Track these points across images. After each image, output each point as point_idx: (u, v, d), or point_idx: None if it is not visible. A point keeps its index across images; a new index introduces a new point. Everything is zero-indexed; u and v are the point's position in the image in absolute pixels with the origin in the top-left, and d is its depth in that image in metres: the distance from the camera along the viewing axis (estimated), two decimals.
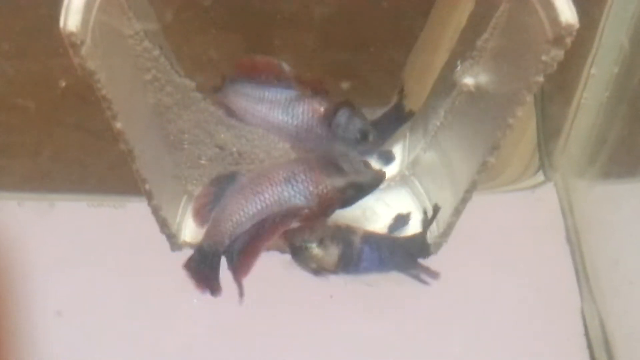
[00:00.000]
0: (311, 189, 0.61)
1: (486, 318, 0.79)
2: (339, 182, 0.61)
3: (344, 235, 0.65)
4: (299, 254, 0.64)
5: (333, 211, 0.63)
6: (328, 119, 0.64)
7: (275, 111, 0.64)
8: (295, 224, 0.61)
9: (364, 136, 0.64)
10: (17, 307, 0.76)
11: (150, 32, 0.60)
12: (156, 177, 0.63)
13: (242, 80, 0.65)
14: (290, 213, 0.60)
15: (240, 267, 0.60)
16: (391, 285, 0.77)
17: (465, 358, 0.77)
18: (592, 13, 0.73)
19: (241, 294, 0.60)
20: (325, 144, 0.64)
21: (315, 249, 0.63)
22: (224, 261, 0.61)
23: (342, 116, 0.64)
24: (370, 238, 0.66)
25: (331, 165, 0.62)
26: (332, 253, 0.64)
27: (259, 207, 0.60)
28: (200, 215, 0.63)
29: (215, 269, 0.61)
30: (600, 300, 0.78)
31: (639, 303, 0.76)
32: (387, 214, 0.73)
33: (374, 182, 0.63)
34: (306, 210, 0.61)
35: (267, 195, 0.61)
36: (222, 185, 0.63)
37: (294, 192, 0.61)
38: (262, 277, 0.60)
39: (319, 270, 0.65)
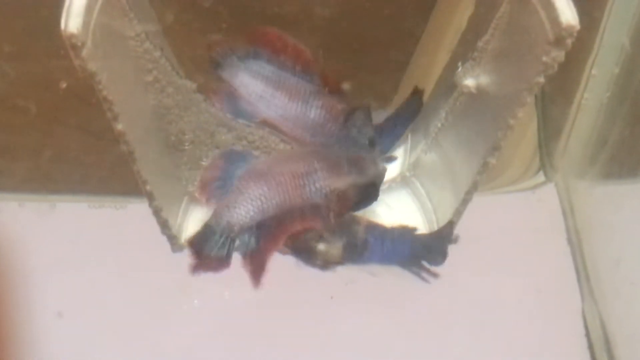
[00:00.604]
0: (330, 189, 0.60)
1: (487, 318, 0.79)
2: (358, 180, 0.60)
3: (347, 225, 0.64)
4: (302, 253, 0.63)
5: (347, 212, 0.62)
6: (344, 118, 0.62)
7: (296, 101, 0.61)
8: (312, 223, 0.60)
9: (372, 143, 0.63)
10: (18, 308, 0.76)
11: (151, 33, 0.60)
12: (157, 179, 0.63)
13: (259, 59, 0.60)
14: (311, 210, 0.59)
15: (259, 259, 0.58)
16: (392, 284, 0.77)
17: (466, 358, 0.77)
18: (593, 14, 0.73)
19: (257, 283, 0.58)
20: (334, 143, 0.63)
21: (319, 246, 0.63)
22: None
23: (359, 119, 0.62)
24: (376, 228, 0.66)
25: (348, 162, 0.61)
26: (336, 246, 0.64)
27: (282, 197, 0.59)
28: (207, 191, 0.61)
29: (226, 251, 0.59)
30: (601, 301, 0.78)
31: None
32: (388, 216, 0.73)
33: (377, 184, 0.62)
34: (324, 209, 0.60)
35: (289, 188, 0.59)
36: (232, 163, 0.61)
37: (314, 188, 0.59)
38: (270, 276, 0.60)
39: (325, 265, 0.64)
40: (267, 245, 0.59)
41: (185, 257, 0.61)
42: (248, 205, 0.59)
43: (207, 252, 0.59)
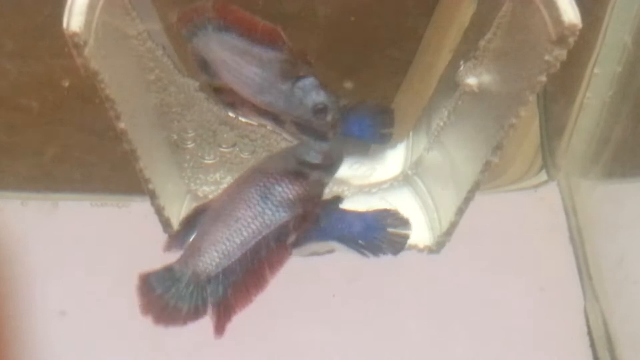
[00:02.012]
0: (291, 197, 0.56)
1: (488, 317, 0.79)
2: (314, 175, 0.58)
3: None
4: None
5: (318, 207, 0.59)
6: (293, 78, 0.58)
7: (254, 65, 0.58)
8: (292, 238, 0.57)
9: (321, 110, 0.59)
10: (21, 306, 0.76)
11: (153, 32, 0.60)
12: (159, 177, 0.63)
13: (232, 31, 0.58)
14: (282, 233, 0.55)
15: (227, 310, 0.54)
16: (393, 283, 0.77)
17: (468, 357, 0.77)
18: (595, 12, 0.73)
19: (220, 332, 0.54)
20: (282, 104, 0.59)
21: None
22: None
23: (308, 82, 0.58)
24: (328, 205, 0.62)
25: (295, 161, 0.58)
26: None
27: (245, 234, 0.55)
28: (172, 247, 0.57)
29: (200, 301, 0.54)
30: (603, 300, 0.78)
31: None
32: None
33: (340, 157, 0.59)
34: (294, 221, 0.56)
35: (249, 220, 0.55)
36: (191, 223, 0.57)
37: (275, 207, 0.56)
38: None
39: None
40: (238, 301, 0.55)
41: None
42: (212, 252, 0.54)
43: (166, 298, 0.54)
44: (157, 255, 0.70)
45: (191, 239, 0.57)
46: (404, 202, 0.74)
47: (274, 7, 0.67)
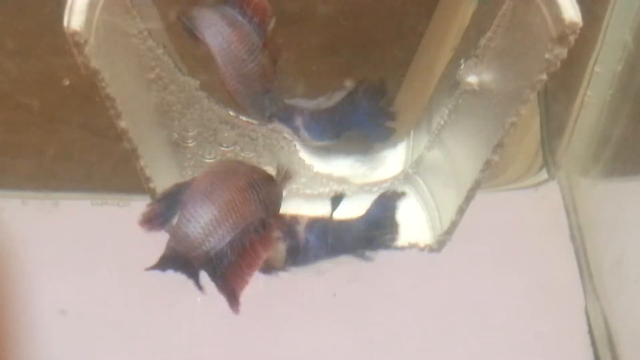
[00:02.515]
0: (268, 197, 0.56)
1: (489, 316, 0.79)
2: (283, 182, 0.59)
3: (288, 227, 0.61)
4: None
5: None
6: (268, 84, 0.61)
7: (244, 47, 0.60)
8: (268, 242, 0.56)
9: (269, 116, 0.63)
10: (21, 306, 0.76)
11: (153, 31, 0.60)
12: (160, 176, 0.63)
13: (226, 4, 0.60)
14: (259, 227, 0.55)
15: (231, 286, 0.54)
16: (394, 281, 0.77)
17: (468, 355, 0.77)
18: (596, 11, 0.73)
19: (235, 306, 0.54)
20: (251, 103, 0.62)
21: None
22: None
23: (277, 92, 0.62)
24: (315, 224, 0.63)
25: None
26: (280, 251, 0.60)
27: (234, 217, 0.54)
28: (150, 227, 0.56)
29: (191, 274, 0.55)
30: (604, 299, 0.78)
31: None
32: None
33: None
34: (272, 221, 0.56)
35: (238, 203, 0.54)
36: (170, 199, 0.56)
37: (258, 200, 0.55)
38: (264, 275, 0.60)
39: (267, 269, 0.61)
40: (237, 282, 0.54)
41: None
42: (199, 233, 0.53)
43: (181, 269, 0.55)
44: (158, 254, 0.70)
45: (175, 221, 0.55)
46: (404, 201, 0.74)
47: (275, 6, 0.67)
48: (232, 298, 0.54)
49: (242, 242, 0.54)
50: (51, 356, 0.75)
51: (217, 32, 0.59)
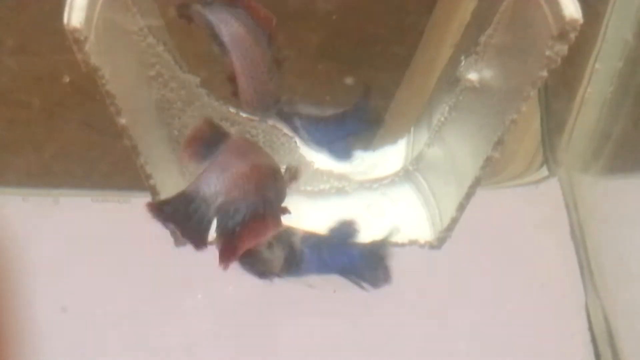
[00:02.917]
0: (279, 187, 0.60)
1: (490, 313, 0.79)
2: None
3: (285, 237, 0.64)
4: (246, 257, 0.61)
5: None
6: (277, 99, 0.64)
7: (256, 52, 0.61)
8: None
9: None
10: (22, 303, 0.76)
11: (154, 28, 0.60)
12: (160, 173, 0.63)
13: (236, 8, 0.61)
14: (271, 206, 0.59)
15: (237, 242, 0.56)
16: (394, 279, 0.77)
17: (469, 352, 0.77)
18: (596, 8, 0.73)
19: (225, 263, 0.55)
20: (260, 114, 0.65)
21: (265, 252, 0.62)
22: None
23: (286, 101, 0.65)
24: (310, 239, 0.65)
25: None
26: (278, 256, 0.63)
27: (258, 183, 0.57)
28: (190, 152, 0.58)
29: (204, 226, 0.56)
30: (604, 295, 0.78)
31: None
32: (392, 210, 0.73)
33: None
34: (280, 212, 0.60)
35: (262, 177, 0.58)
36: (214, 136, 0.59)
37: (274, 180, 0.59)
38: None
39: (265, 273, 0.63)
40: (244, 239, 0.56)
41: (189, 251, 0.61)
42: (229, 184, 0.56)
43: (182, 222, 0.55)
44: (158, 250, 0.70)
45: (206, 167, 0.57)
46: (404, 198, 0.74)
47: (276, 4, 0.67)
48: (229, 254, 0.55)
49: (256, 209, 0.56)
50: (52, 353, 0.75)
51: (233, 31, 0.60)
